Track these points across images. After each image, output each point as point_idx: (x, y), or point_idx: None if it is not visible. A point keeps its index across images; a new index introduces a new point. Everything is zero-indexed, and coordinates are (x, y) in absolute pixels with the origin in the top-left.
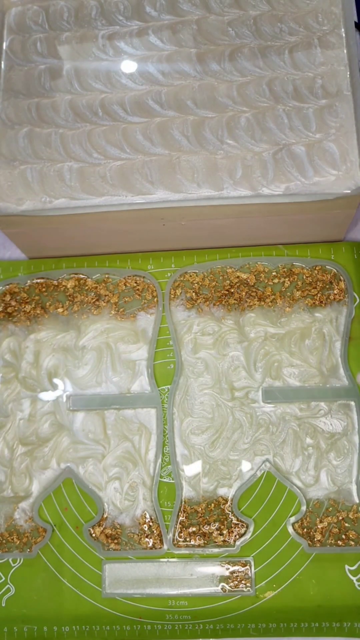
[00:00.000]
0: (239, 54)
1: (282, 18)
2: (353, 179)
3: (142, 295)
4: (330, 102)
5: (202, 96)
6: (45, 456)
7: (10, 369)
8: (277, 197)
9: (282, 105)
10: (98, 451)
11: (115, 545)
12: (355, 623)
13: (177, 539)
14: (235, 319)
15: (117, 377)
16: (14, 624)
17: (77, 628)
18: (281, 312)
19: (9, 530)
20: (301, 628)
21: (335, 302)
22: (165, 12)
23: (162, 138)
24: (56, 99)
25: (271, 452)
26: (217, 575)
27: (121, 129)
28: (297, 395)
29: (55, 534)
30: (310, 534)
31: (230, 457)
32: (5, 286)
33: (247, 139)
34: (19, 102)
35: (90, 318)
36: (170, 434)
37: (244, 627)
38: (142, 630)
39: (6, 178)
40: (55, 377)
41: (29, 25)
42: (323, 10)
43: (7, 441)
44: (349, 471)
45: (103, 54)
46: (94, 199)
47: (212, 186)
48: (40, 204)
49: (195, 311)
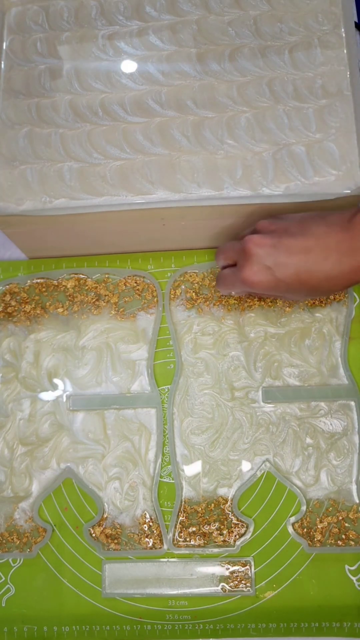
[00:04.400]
0: (239, 54)
1: (282, 18)
2: (353, 179)
3: (142, 295)
4: (330, 102)
5: (202, 96)
6: (45, 456)
7: (10, 369)
8: (277, 197)
9: (282, 105)
10: (98, 451)
11: (115, 545)
12: (355, 623)
13: (177, 539)
14: (235, 319)
15: (117, 377)
16: (14, 624)
17: (77, 628)
18: (281, 312)
19: (9, 530)
20: (301, 628)
21: (335, 302)
22: (165, 12)
23: (162, 138)
24: (56, 99)
25: (271, 452)
26: (217, 575)
27: (121, 129)
28: (297, 395)
29: (55, 534)
30: (310, 534)
31: (230, 457)
32: (5, 286)
33: (247, 139)
34: (19, 102)
35: (90, 318)
36: (170, 434)
37: (244, 627)
38: (142, 630)
39: (6, 178)
40: (55, 377)
41: (29, 25)
42: (323, 10)
43: (7, 441)
44: (349, 471)
45: (103, 54)
46: (94, 199)
47: (212, 186)
48: (40, 204)
49: (195, 311)
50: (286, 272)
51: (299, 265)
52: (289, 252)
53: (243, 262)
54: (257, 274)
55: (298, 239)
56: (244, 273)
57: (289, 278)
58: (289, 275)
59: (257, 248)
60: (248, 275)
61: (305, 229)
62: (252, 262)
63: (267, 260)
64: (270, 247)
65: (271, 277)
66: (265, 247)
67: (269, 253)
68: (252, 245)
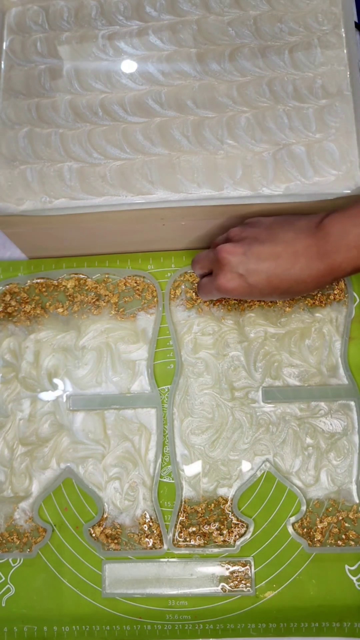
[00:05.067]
0: (239, 54)
1: (282, 18)
2: (353, 179)
3: (142, 295)
4: (330, 102)
5: (202, 96)
6: (45, 456)
7: (10, 369)
8: (277, 197)
9: (282, 105)
10: (98, 451)
11: (115, 545)
12: (355, 623)
13: (177, 539)
14: (235, 319)
15: (117, 377)
16: (14, 624)
17: (77, 628)
18: (281, 312)
19: (9, 530)
20: (301, 628)
21: (335, 302)
22: (165, 12)
23: (162, 138)
24: (56, 99)
25: (271, 452)
26: (217, 575)
27: (121, 129)
28: (297, 395)
29: (55, 534)
30: (310, 534)
31: (230, 457)
32: (5, 286)
33: (247, 139)
34: (19, 102)
35: (90, 318)
36: (170, 434)
37: (244, 627)
38: (142, 630)
39: (6, 178)
40: (55, 377)
41: (29, 25)
42: (323, 10)
43: (7, 441)
44: (349, 471)
45: (103, 54)
46: (94, 199)
47: (212, 186)
48: (40, 204)
49: (195, 311)
50: (258, 278)
51: (269, 271)
52: (259, 259)
53: (217, 271)
54: (230, 281)
55: (267, 246)
56: (219, 281)
57: (261, 283)
58: (260, 281)
59: (230, 256)
60: (222, 282)
61: (274, 235)
62: (225, 270)
63: (239, 268)
64: (241, 255)
65: (244, 284)
66: (236, 255)
67: (240, 261)
68: (225, 254)
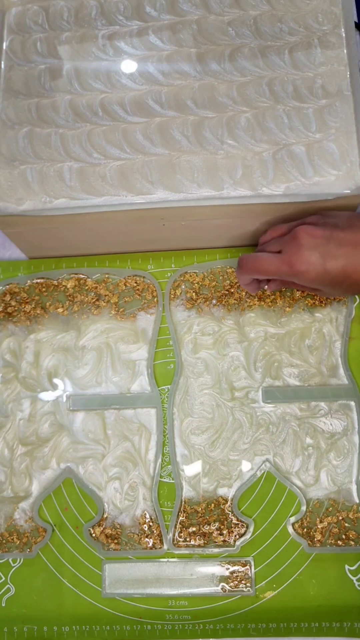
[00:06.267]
0: (239, 54)
1: (282, 18)
2: (353, 179)
3: (142, 295)
4: (330, 102)
5: (202, 96)
6: (45, 456)
7: (10, 369)
8: (277, 197)
9: (282, 105)
10: (98, 451)
11: (115, 545)
12: (355, 623)
13: (177, 539)
14: (235, 319)
15: (117, 377)
16: (14, 624)
17: (77, 628)
18: (281, 312)
19: (9, 530)
20: (301, 628)
21: (335, 302)
22: (165, 12)
23: (162, 138)
24: (56, 99)
25: (271, 452)
26: (217, 575)
27: (121, 129)
28: (297, 395)
29: (55, 534)
30: (310, 534)
31: (230, 457)
32: (5, 286)
33: (247, 139)
34: (19, 102)
35: (90, 318)
36: (170, 434)
37: (244, 627)
38: (142, 630)
39: (6, 178)
40: (55, 377)
41: (29, 25)
42: (323, 10)
43: (7, 441)
44: (349, 471)
45: (103, 54)
46: (94, 199)
47: (212, 186)
48: (40, 204)
49: (195, 311)
50: (335, 264)
51: (347, 257)
52: (339, 244)
53: (293, 250)
54: (306, 262)
55: (347, 233)
56: (293, 259)
57: (336, 270)
58: (337, 267)
59: (310, 238)
60: (297, 263)
61: (354, 225)
62: (303, 250)
63: (319, 249)
64: (321, 238)
65: (320, 268)
66: (317, 238)
67: (320, 243)
68: (305, 235)
